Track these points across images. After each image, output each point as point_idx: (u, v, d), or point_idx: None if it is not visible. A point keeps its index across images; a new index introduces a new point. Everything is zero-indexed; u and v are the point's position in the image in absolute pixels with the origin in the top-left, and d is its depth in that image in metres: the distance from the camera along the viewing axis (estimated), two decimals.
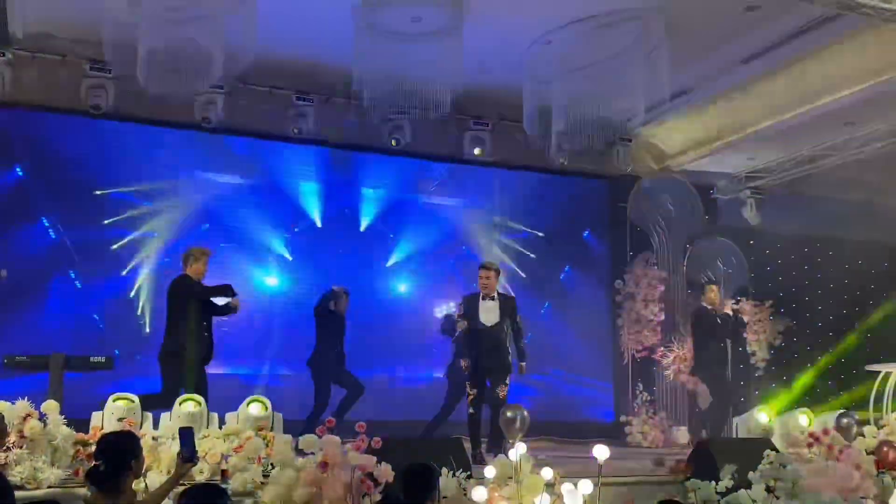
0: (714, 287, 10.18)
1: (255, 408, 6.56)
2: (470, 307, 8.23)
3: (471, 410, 8.04)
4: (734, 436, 8.73)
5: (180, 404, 6.63)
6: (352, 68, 7.88)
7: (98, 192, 10.17)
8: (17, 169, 9.97)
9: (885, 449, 7.05)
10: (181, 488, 3.95)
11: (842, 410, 8.37)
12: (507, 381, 8.04)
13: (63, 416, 6.12)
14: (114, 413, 6.31)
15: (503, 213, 12.02)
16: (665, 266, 12.09)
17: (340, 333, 9.41)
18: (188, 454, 4.41)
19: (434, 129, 10.50)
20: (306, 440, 5.81)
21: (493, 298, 8.18)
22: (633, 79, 8.48)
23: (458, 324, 8.47)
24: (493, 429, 7.82)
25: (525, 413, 6.92)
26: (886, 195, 11.73)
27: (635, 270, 11.94)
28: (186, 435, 4.47)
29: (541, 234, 11.86)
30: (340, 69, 8.44)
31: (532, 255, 11.97)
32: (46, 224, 10.09)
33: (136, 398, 6.45)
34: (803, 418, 8.26)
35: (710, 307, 10.12)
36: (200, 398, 6.70)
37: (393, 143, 10.48)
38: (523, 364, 8.23)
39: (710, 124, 10.97)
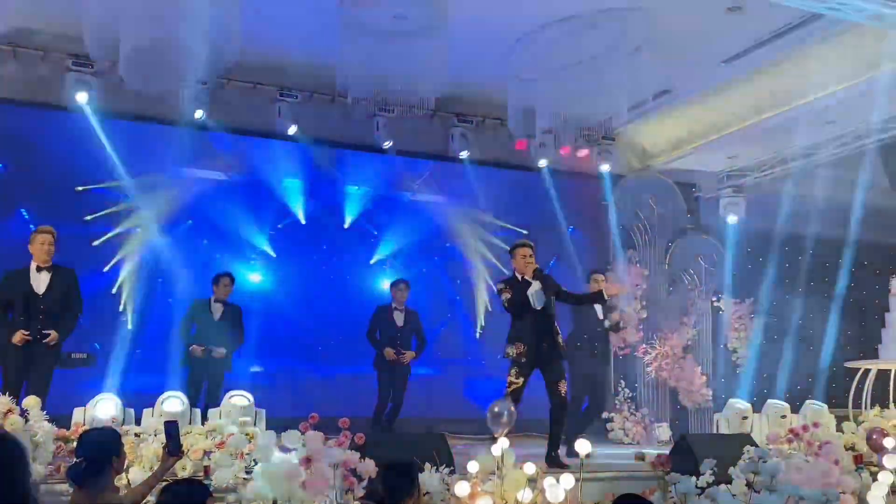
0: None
1: (237, 401, 6.61)
2: (516, 291, 7.49)
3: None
4: (714, 431, 8.81)
5: (162, 402, 6.65)
6: (336, 65, 7.89)
7: (80, 188, 10.13)
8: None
9: (875, 437, 7.12)
10: (163, 484, 3.94)
11: (813, 402, 8.49)
12: (565, 376, 7.55)
13: (44, 412, 6.11)
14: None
15: (487, 210, 12.05)
16: (647, 264, 12.16)
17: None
18: (174, 448, 4.41)
19: (418, 127, 10.52)
20: (289, 436, 5.82)
21: (535, 278, 7.46)
22: (616, 78, 8.52)
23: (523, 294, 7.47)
24: (552, 432, 7.42)
25: (511, 407, 6.93)
26: (867, 193, 11.83)
27: (618, 268, 12.00)
28: (172, 428, 4.47)
29: (524, 231, 11.90)
30: (324, 66, 8.45)
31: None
32: (27, 218, 10.05)
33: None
34: (783, 414, 8.36)
35: None
36: (182, 395, 6.72)
37: (386, 145, 10.44)
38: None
39: (692, 123, 11.04)
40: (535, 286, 7.43)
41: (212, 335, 8.81)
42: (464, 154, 10.87)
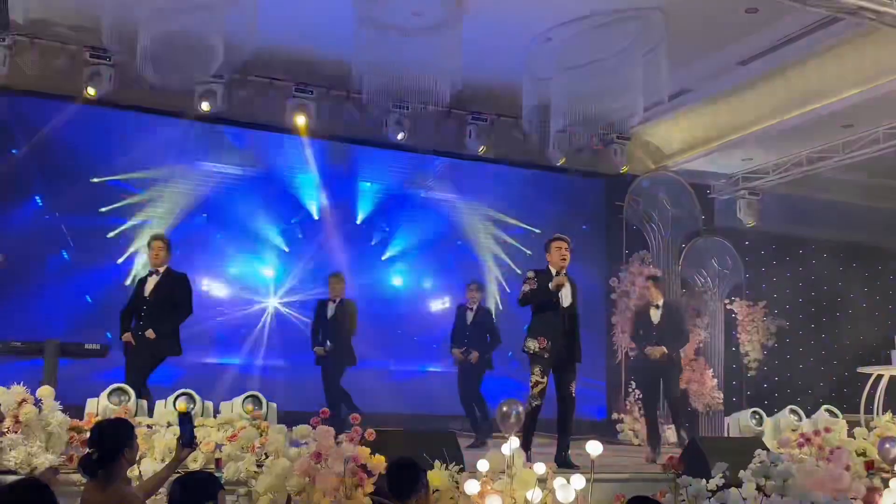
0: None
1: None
2: (539, 283, 7.28)
3: (537, 402, 7.13)
4: (726, 434, 8.78)
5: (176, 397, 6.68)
6: (351, 61, 7.89)
7: (95, 180, 10.17)
8: (15, 154, 9.98)
9: (888, 446, 7.04)
10: (174, 476, 3.95)
11: (826, 407, 8.43)
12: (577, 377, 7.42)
13: (58, 402, 6.14)
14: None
15: (500, 208, 12.04)
16: (660, 265, 12.13)
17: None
18: (187, 439, 4.41)
19: (433, 124, 10.53)
20: (300, 430, 5.83)
21: (566, 275, 7.33)
22: (632, 78, 8.49)
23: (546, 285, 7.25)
24: (560, 431, 7.30)
25: (521, 408, 6.91)
26: (881, 198, 11.78)
27: (630, 269, 11.97)
28: (185, 420, 4.48)
29: (537, 230, 11.87)
30: (340, 62, 8.46)
31: (528, 252, 11.98)
32: (43, 210, 10.10)
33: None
34: (794, 418, 8.31)
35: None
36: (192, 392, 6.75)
37: (400, 136, 10.46)
38: None
39: (708, 125, 11.01)
40: (564, 281, 7.29)
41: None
42: (480, 150, 10.88)
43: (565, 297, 7.29)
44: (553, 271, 7.35)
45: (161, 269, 7.74)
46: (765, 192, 12.43)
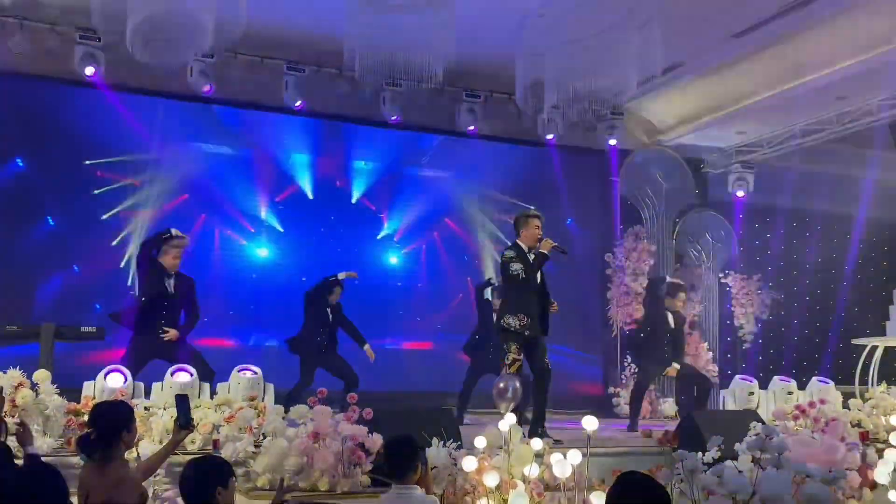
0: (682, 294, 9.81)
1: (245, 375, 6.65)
2: (523, 261, 7.36)
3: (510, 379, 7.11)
4: (721, 407, 8.83)
5: (172, 374, 6.69)
6: (343, 39, 7.83)
7: (88, 162, 10.12)
8: (6, 138, 9.91)
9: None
10: (189, 458, 3.95)
11: (819, 378, 8.49)
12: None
13: (55, 386, 6.15)
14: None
15: (494, 185, 12.02)
16: (655, 239, 12.14)
17: (327, 323, 9.25)
18: (184, 421, 4.43)
19: (426, 102, 10.48)
20: (297, 410, 5.85)
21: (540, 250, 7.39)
22: (625, 53, 8.43)
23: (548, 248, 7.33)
24: (540, 403, 7.27)
25: (517, 384, 6.95)
26: (875, 170, 11.78)
27: (625, 244, 11.99)
28: (182, 402, 4.50)
29: (531, 207, 11.84)
30: (332, 39, 8.38)
31: None
32: (36, 192, 10.04)
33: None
34: (789, 391, 8.37)
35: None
36: (192, 369, 6.76)
37: (393, 114, 10.42)
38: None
39: (702, 99, 10.97)
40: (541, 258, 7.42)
41: None
42: (473, 128, 10.85)
43: (539, 275, 7.44)
44: (525, 247, 7.43)
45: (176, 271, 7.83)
46: (758, 165, 12.43)
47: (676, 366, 9.11)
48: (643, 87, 10.15)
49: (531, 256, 7.42)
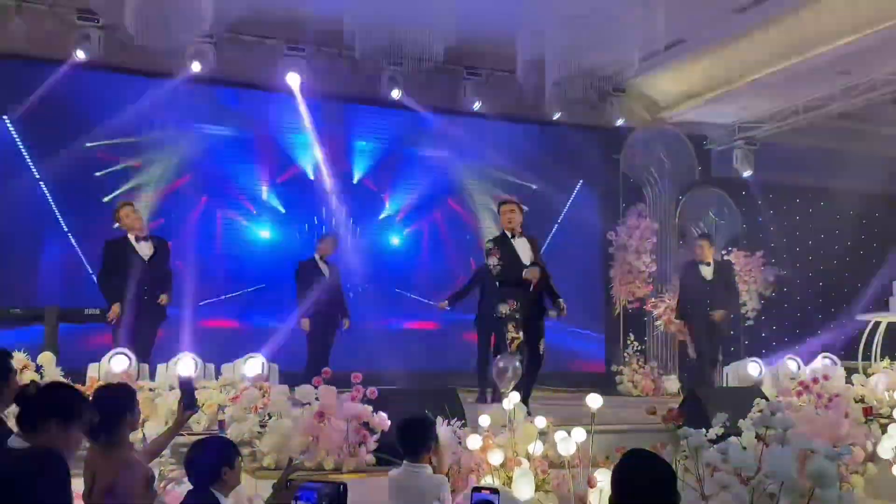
0: (704, 242, 9.94)
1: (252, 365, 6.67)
2: (505, 249, 7.49)
3: (519, 359, 7.12)
4: (725, 384, 8.84)
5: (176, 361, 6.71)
6: (343, 18, 7.79)
7: (89, 145, 10.09)
8: (6, 119, 9.88)
9: None
10: (196, 438, 3.96)
11: (824, 355, 8.49)
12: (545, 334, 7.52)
13: (59, 368, 6.16)
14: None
15: (496, 164, 11.97)
16: (657, 217, 12.12)
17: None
18: (189, 403, 4.43)
19: (427, 81, 10.43)
20: (302, 390, 5.86)
21: (521, 236, 7.59)
22: (627, 29, 8.39)
23: (526, 273, 7.36)
24: (526, 384, 7.20)
25: (518, 363, 6.95)
26: (880, 144, 11.74)
27: (628, 222, 11.97)
28: (186, 383, 4.50)
29: (534, 185, 11.83)
30: (332, 19, 8.35)
31: (525, 207, 11.94)
32: (37, 176, 10.03)
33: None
34: (793, 367, 8.37)
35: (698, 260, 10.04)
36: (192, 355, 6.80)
37: (394, 93, 10.38)
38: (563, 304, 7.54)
39: (704, 75, 10.91)
40: (521, 242, 7.53)
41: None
42: (475, 106, 10.79)
43: (525, 258, 7.46)
44: (508, 234, 7.56)
45: (145, 234, 7.90)
46: (761, 141, 12.38)
47: (721, 312, 9.16)
48: (645, 64, 10.09)
49: (514, 243, 7.53)
